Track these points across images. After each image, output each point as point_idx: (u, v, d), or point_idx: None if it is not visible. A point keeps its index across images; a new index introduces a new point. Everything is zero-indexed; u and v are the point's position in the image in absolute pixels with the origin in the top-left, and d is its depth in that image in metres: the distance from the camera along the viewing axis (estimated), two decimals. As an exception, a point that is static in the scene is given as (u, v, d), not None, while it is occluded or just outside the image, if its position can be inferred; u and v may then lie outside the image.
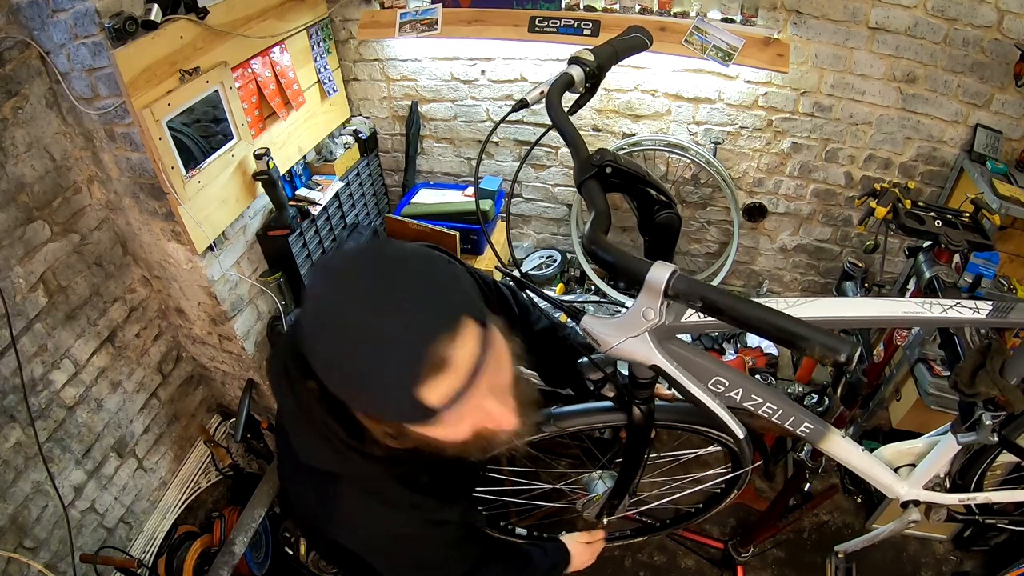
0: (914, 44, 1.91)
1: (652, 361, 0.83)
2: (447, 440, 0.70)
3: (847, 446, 1.12)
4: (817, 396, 2.09)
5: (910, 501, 1.27)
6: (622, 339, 0.81)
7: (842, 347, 0.59)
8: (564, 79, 0.96)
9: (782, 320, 0.62)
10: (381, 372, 0.61)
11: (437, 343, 0.61)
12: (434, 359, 0.60)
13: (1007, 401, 0.99)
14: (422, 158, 2.69)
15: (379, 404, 0.65)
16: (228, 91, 1.80)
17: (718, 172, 2.24)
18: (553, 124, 0.92)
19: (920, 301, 0.93)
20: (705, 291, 0.66)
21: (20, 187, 1.62)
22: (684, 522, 1.57)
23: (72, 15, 1.44)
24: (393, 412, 0.66)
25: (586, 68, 0.97)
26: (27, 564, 1.74)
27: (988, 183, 1.85)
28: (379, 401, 0.64)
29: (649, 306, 0.73)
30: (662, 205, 0.92)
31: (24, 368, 1.68)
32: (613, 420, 1.11)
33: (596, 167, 0.85)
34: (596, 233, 0.75)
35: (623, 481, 1.24)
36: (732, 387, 0.95)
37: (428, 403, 0.62)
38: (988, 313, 0.93)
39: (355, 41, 2.40)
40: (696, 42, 1.97)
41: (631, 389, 1.03)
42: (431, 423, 0.66)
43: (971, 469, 1.25)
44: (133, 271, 2.03)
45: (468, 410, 0.66)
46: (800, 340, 0.61)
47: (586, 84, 0.98)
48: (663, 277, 0.67)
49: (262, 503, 2.12)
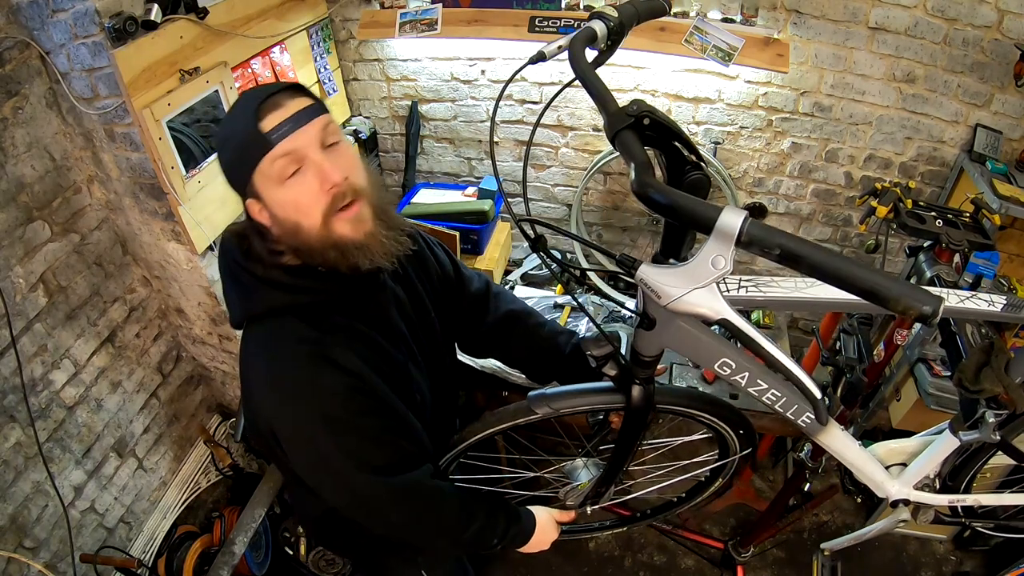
0: (914, 44, 1.91)
1: (722, 314, 0.76)
2: (303, 206, 0.88)
3: (844, 440, 1.12)
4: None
5: (899, 500, 1.26)
6: (687, 289, 0.74)
7: (928, 300, 0.56)
8: (587, 32, 0.90)
9: (866, 272, 0.58)
10: (233, 117, 0.89)
11: (276, 94, 0.87)
12: (270, 102, 0.85)
13: (1010, 399, 0.99)
14: (422, 158, 2.69)
15: (231, 141, 0.89)
16: (228, 91, 1.80)
17: (718, 172, 2.24)
18: (577, 77, 0.85)
19: (936, 290, 0.92)
20: (783, 238, 0.61)
21: (20, 187, 1.62)
22: (666, 511, 1.53)
23: (72, 15, 1.44)
24: (240, 142, 0.87)
25: (609, 24, 0.91)
26: (27, 564, 1.74)
27: (988, 183, 1.85)
28: (231, 138, 0.89)
29: (720, 254, 0.67)
30: (692, 165, 0.87)
31: (24, 368, 1.68)
32: (611, 401, 1.06)
33: (633, 117, 0.79)
34: (647, 178, 0.68)
35: (613, 467, 1.19)
36: (739, 370, 0.92)
37: (264, 130, 0.84)
38: (1002, 307, 0.92)
39: (355, 41, 2.40)
40: (696, 42, 1.97)
41: (633, 367, 1.00)
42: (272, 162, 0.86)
43: (962, 471, 1.25)
44: (133, 271, 2.03)
45: (301, 151, 0.86)
46: (883, 291, 0.57)
47: (608, 41, 0.93)
48: (736, 222, 0.62)
49: (262, 503, 2.12)
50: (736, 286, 0.88)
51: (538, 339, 1.29)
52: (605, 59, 0.94)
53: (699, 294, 0.74)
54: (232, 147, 0.90)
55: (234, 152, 0.89)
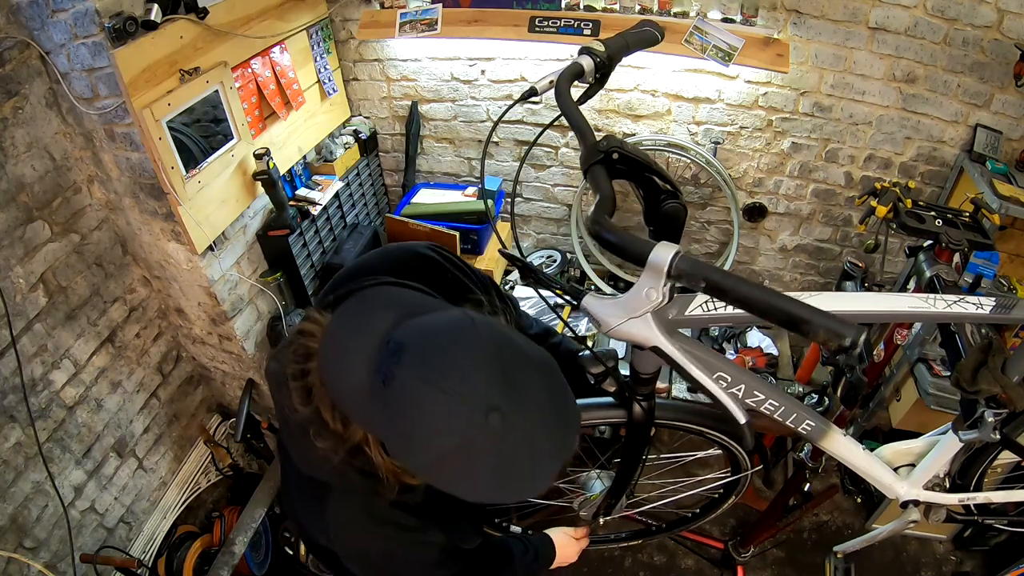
0: (914, 44, 1.91)
1: (653, 342, 0.82)
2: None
3: (848, 445, 1.12)
4: (817, 396, 2.08)
5: (910, 501, 1.26)
6: (623, 319, 0.79)
7: (847, 331, 0.57)
8: (574, 68, 0.95)
9: (786, 303, 0.61)
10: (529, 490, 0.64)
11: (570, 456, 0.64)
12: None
13: (1009, 398, 0.99)
14: (422, 158, 2.69)
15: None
16: (228, 91, 1.80)
17: (718, 172, 2.24)
18: (562, 112, 0.90)
19: (924, 296, 0.92)
20: (708, 272, 0.65)
21: (20, 187, 1.62)
22: (681, 526, 1.56)
23: (72, 15, 1.44)
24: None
25: (596, 59, 0.96)
26: (27, 564, 1.74)
27: (988, 183, 1.85)
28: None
29: (651, 286, 0.72)
30: (668, 194, 0.90)
31: (24, 368, 1.68)
32: (613, 416, 1.09)
33: (603, 152, 0.84)
34: (600, 215, 0.74)
35: (621, 480, 1.22)
36: (735, 383, 0.94)
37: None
38: (991, 309, 0.92)
39: (355, 41, 2.40)
40: (696, 42, 1.97)
41: (632, 385, 1.02)
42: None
43: (971, 469, 1.25)
44: (133, 271, 2.03)
45: None
46: (804, 323, 0.60)
47: (596, 75, 0.97)
48: (666, 257, 0.66)
49: (262, 503, 2.12)
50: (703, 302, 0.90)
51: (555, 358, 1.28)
52: (595, 92, 0.98)
53: (634, 324, 0.79)
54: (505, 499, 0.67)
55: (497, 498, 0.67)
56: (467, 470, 0.59)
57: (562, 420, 0.63)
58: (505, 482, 0.61)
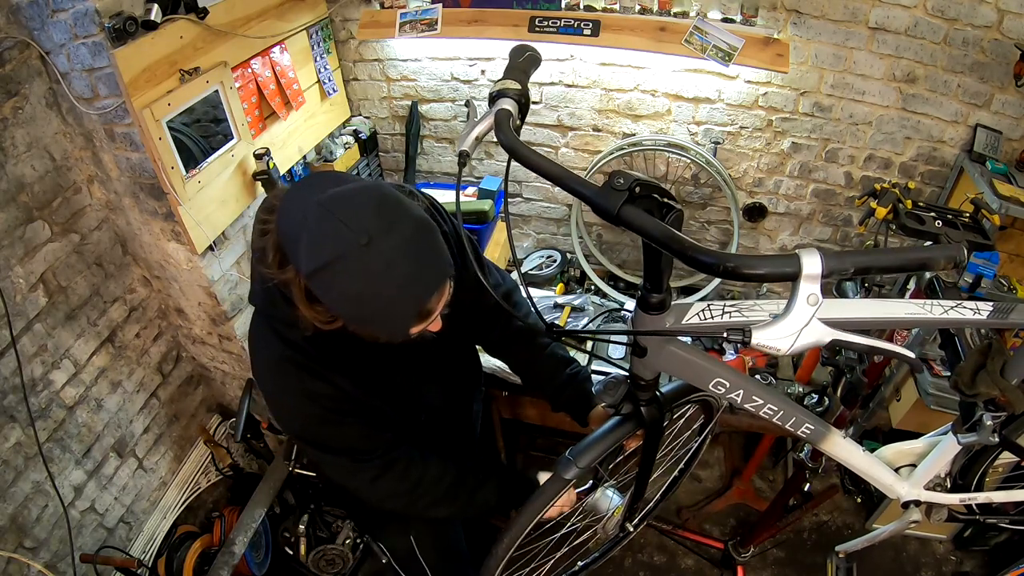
0: (914, 44, 1.91)
1: (830, 338, 0.80)
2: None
3: (848, 446, 1.12)
4: (817, 396, 2.08)
5: (911, 501, 1.27)
6: (797, 334, 0.78)
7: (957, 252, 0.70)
8: (503, 115, 0.90)
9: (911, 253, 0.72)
10: (386, 317, 0.83)
11: (429, 299, 0.85)
12: (423, 310, 0.86)
13: (1008, 401, 0.99)
14: (422, 158, 2.69)
15: (374, 334, 0.87)
16: (228, 91, 1.80)
17: (718, 172, 2.24)
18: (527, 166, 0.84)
19: (921, 302, 0.93)
20: (851, 257, 0.71)
21: (20, 187, 1.62)
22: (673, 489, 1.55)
23: (72, 15, 1.44)
24: (379, 331, 0.87)
25: (517, 97, 0.93)
26: (27, 564, 1.74)
27: (988, 183, 1.85)
28: (376, 333, 0.87)
29: (811, 292, 0.73)
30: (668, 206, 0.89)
31: (24, 368, 1.68)
32: (630, 430, 1.10)
33: (627, 190, 0.77)
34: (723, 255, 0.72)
35: (642, 479, 1.24)
36: (733, 388, 0.95)
37: (410, 334, 0.89)
38: (988, 314, 0.93)
39: (355, 41, 2.40)
40: (696, 42, 1.97)
41: (636, 393, 1.03)
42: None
43: (972, 469, 1.25)
44: (133, 271, 2.03)
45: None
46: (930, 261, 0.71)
47: (520, 114, 0.93)
48: (817, 261, 0.69)
49: (262, 503, 2.12)
50: (720, 311, 0.91)
51: (538, 364, 1.38)
52: (522, 123, 0.95)
53: (808, 332, 0.79)
54: (367, 331, 0.87)
55: (363, 326, 0.86)
56: (342, 284, 0.79)
57: (425, 259, 0.83)
58: (370, 302, 0.80)
